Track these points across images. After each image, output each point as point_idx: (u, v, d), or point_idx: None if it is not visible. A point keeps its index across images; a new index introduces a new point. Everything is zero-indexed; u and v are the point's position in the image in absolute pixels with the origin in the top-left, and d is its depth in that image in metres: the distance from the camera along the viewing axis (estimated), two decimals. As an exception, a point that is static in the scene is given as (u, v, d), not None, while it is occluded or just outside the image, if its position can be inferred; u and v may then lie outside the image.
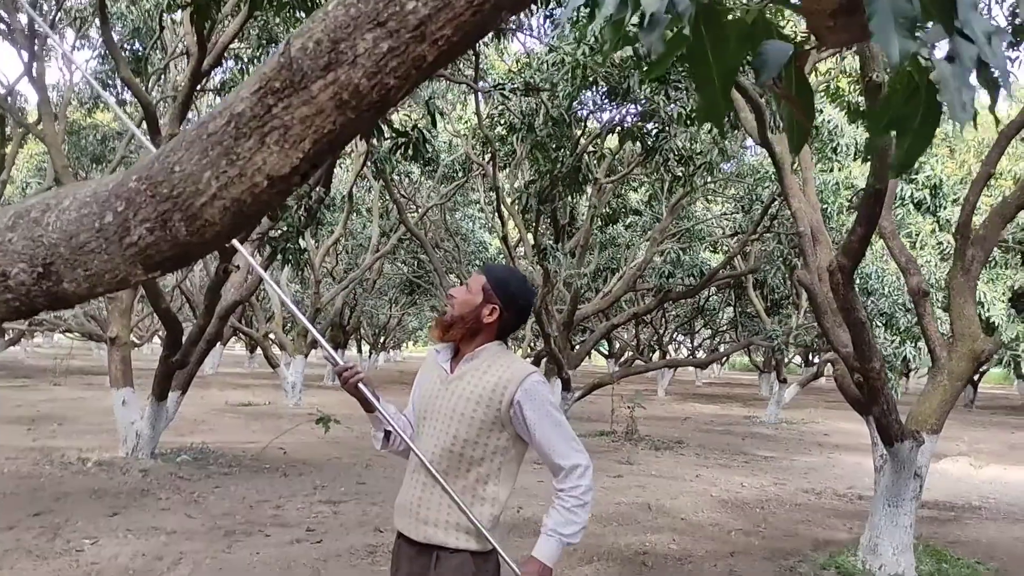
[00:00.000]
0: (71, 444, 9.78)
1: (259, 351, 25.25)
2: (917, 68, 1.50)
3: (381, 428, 2.56)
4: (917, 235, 11.84)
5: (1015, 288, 15.16)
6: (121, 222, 1.07)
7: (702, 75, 1.46)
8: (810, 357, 30.29)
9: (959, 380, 6.10)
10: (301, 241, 9.36)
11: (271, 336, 18.72)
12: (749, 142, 14.87)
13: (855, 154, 10.86)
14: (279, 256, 8.77)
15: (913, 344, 10.76)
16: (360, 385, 2.40)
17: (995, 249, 9.92)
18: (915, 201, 11.21)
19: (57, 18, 12.57)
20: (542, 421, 2.32)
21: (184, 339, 8.86)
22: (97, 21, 10.11)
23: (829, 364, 20.03)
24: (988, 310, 12.89)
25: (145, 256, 1.08)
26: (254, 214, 1.07)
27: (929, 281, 9.81)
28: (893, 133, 1.61)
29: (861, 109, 9.97)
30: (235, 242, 2.19)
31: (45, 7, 11.97)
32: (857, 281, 7.71)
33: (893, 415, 5.61)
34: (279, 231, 8.52)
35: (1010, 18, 7.81)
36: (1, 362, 24.80)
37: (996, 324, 12.98)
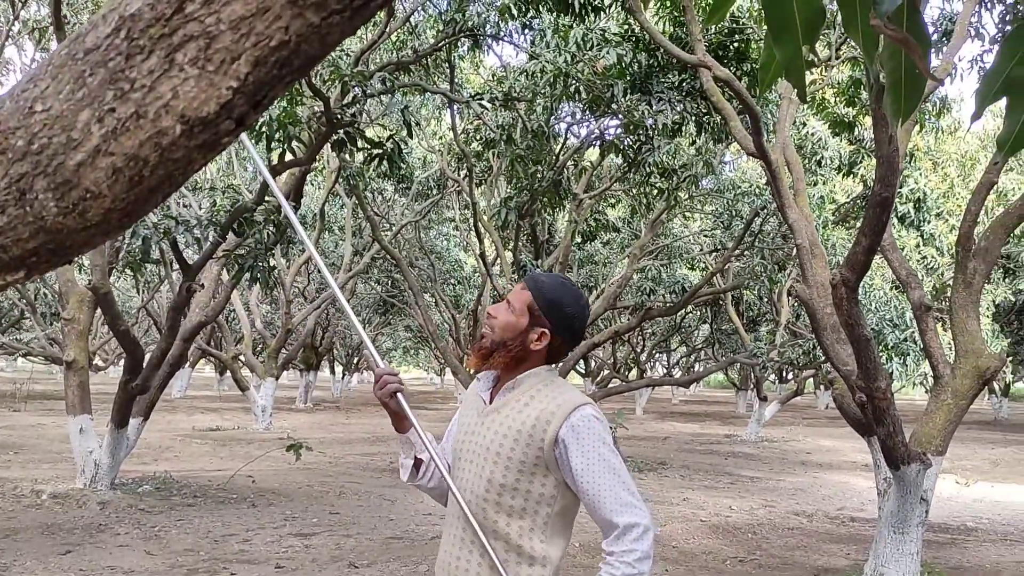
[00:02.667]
0: (25, 475, 9.26)
1: (228, 373, 24.64)
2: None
3: (411, 455, 2.09)
4: (902, 249, 11.65)
5: (998, 303, 15.06)
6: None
7: (779, 17, 1.12)
8: (784, 374, 30.15)
9: (963, 399, 5.82)
10: (271, 259, 8.95)
11: (240, 358, 18.18)
12: (728, 156, 14.68)
13: (839, 167, 10.65)
14: (247, 274, 8.34)
15: (901, 360, 10.52)
16: (399, 395, 1.97)
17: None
18: (899, 215, 11.00)
19: (16, 31, 12.11)
20: (592, 466, 1.85)
21: (145, 362, 8.40)
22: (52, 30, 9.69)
23: (808, 381, 19.86)
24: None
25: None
26: (164, 180, 0.70)
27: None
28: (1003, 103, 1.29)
29: (846, 120, 9.77)
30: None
31: (1, 18, 11.50)
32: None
33: (899, 436, 5.30)
34: (246, 248, 8.10)
35: (1000, 25, 7.62)
36: (-41, 387, 24.00)
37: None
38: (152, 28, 0.66)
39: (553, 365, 2.05)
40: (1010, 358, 21.33)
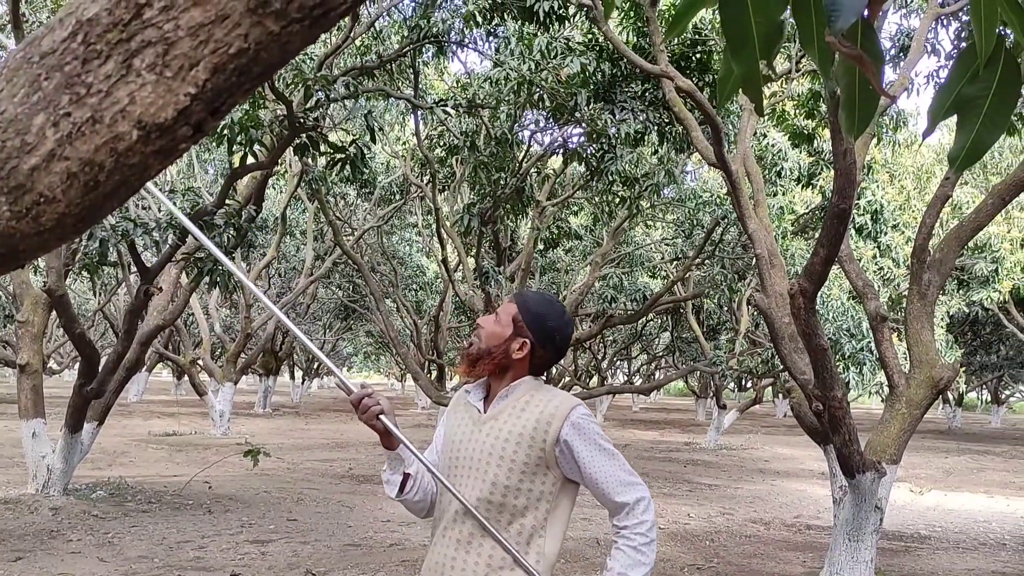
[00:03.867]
0: (-26, 480, 9.04)
1: (186, 378, 24.30)
2: (988, 35, 1.21)
3: (398, 471, 2.15)
4: (859, 260, 11.84)
5: (952, 314, 15.35)
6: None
7: (737, 33, 1.13)
8: (743, 382, 30.50)
9: (918, 408, 5.92)
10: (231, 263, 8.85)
11: (199, 362, 17.95)
12: (690, 166, 14.82)
13: (799, 179, 10.80)
14: (206, 278, 8.25)
15: (857, 370, 10.68)
16: (382, 417, 2.01)
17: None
18: (856, 226, 11.18)
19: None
20: (595, 456, 2.04)
21: (101, 366, 8.26)
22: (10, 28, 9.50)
23: (767, 389, 20.10)
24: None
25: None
26: (119, 186, 0.69)
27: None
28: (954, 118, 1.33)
29: (805, 132, 9.92)
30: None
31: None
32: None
33: (855, 445, 5.38)
34: (206, 251, 8.01)
35: (955, 41, 7.79)
36: (-94, 390, 23.39)
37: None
38: (110, 33, 0.65)
39: (540, 376, 2.18)
40: (963, 368, 21.77)
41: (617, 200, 11.82)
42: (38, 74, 0.67)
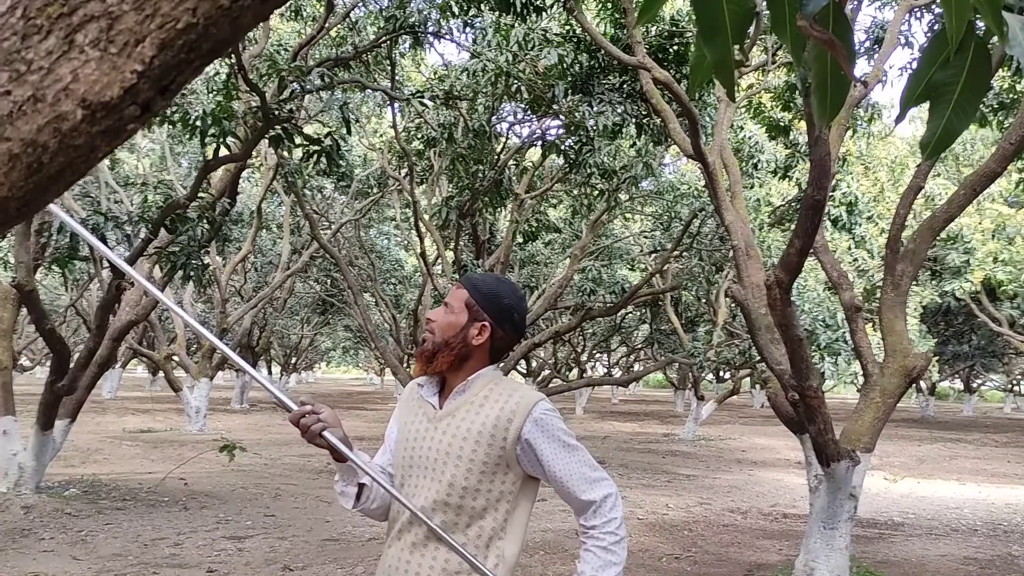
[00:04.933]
0: (-56, 479, 8.90)
1: (161, 374, 24.07)
2: (958, 21, 1.20)
3: (352, 482, 2.06)
4: (834, 251, 11.92)
5: (924, 304, 15.50)
6: None
7: (709, 19, 1.12)
8: (720, 373, 30.66)
9: (891, 397, 5.96)
10: (206, 257, 8.76)
11: (174, 358, 17.79)
12: (667, 159, 14.86)
13: (775, 171, 10.84)
14: (180, 272, 8.15)
15: (833, 360, 10.76)
16: (325, 434, 1.89)
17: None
18: (831, 218, 11.25)
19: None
20: (559, 454, 1.94)
21: (73, 362, 8.16)
22: None
23: (745, 380, 20.22)
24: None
25: None
26: (64, 168, 0.66)
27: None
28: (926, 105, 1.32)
29: (782, 125, 9.95)
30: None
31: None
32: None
33: (830, 435, 5.41)
34: (179, 245, 7.92)
35: (928, 33, 7.83)
36: None
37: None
38: (50, 7, 0.62)
39: (498, 364, 2.08)
40: (936, 358, 22.01)
41: (596, 193, 11.83)
42: (-24, 51, 0.64)
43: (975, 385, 36.58)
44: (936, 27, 7.56)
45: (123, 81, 0.64)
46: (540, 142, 10.44)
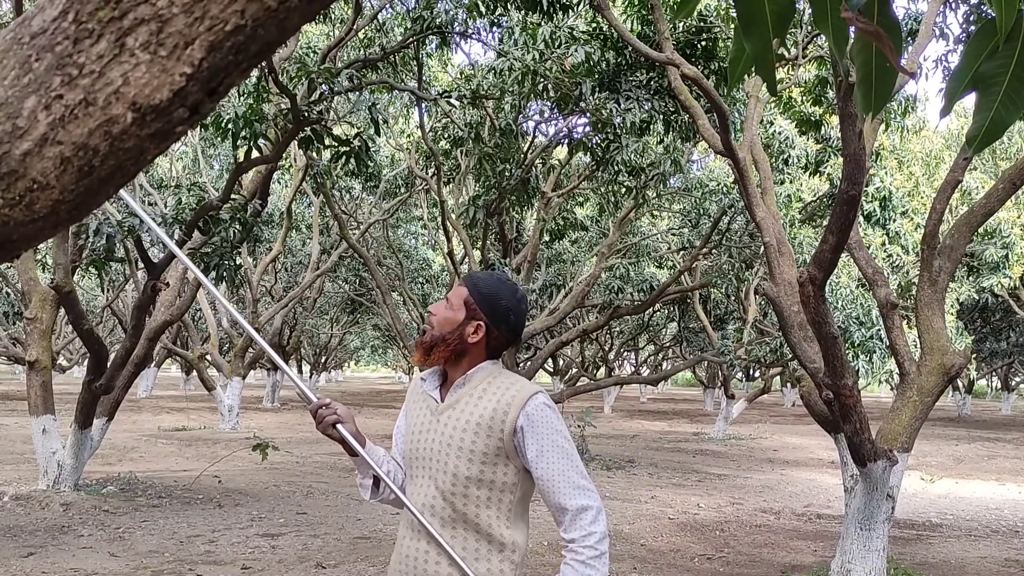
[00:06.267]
0: (-15, 477, 9.07)
1: (194, 373, 24.34)
2: (1008, 10, 1.17)
3: (369, 475, 2.15)
4: (868, 247, 11.76)
5: (962, 301, 15.27)
6: None
7: (749, 11, 1.10)
8: (751, 372, 30.45)
9: (929, 396, 5.88)
10: (237, 258, 8.85)
11: (207, 357, 17.98)
12: (696, 155, 14.76)
13: (806, 166, 10.73)
14: (212, 273, 8.24)
15: (867, 358, 10.63)
16: (338, 426, 2.01)
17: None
18: (865, 213, 11.12)
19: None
20: (546, 452, 1.95)
21: (110, 362, 8.27)
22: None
23: (775, 379, 20.05)
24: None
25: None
26: (115, 171, 0.66)
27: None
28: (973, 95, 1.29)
29: (813, 119, 9.85)
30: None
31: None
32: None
33: (866, 434, 5.34)
34: (212, 246, 8.00)
35: (964, 25, 7.71)
36: (-83, 388, 23.49)
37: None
38: (101, 11, 0.63)
39: (497, 359, 2.10)
40: (974, 355, 21.69)
41: (623, 190, 11.77)
42: (28, 55, 0.64)
43: (1013, 383, 35.98)
44: (972, 19, 7.45)
45: (172, 84, 0.64)
46: (567, 140, 10.41)
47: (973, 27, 7.64)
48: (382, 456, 2.16)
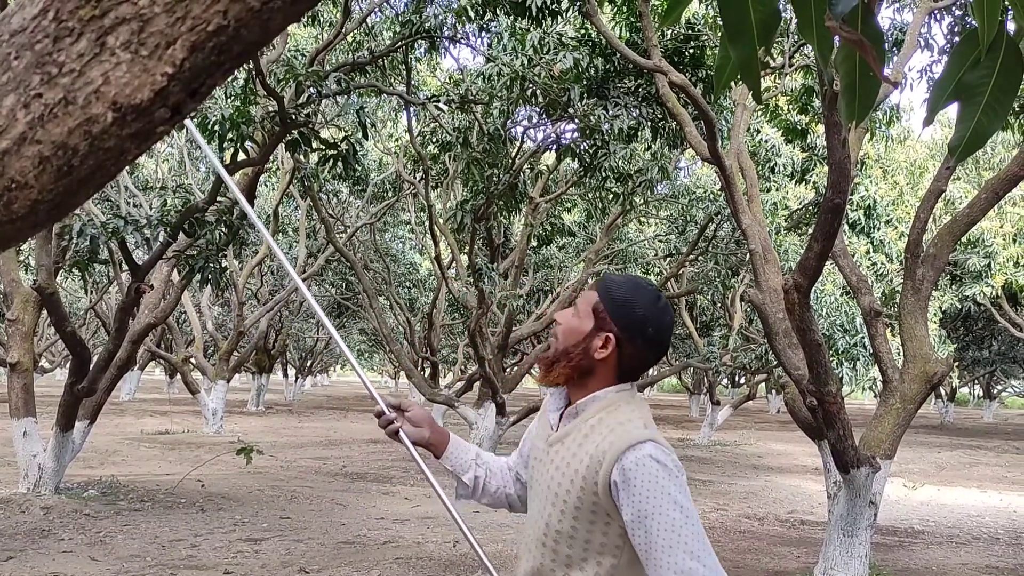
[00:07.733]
0: (-36, 480, 8.98)
1: (179, 376, 24.21)
2: (990, 20, 1.19)
3: (461, 475, 1.91)
4: (853, 255, 11.84)
5: (944, 309, 15.37)
6: None
7: (735, 19, 1.11)
8: (736, 378, 30.53)
9: (911, 403, 5.92)
10: (223, 260, 8.80)
11: (191, 361, 17.88)
12: (683, 162, 14.82)
13: (792, 174, 10.79)
14: (198, 275, 8.20)
15: (851, 365, 10.70)
16: (401, 434, 1.80)
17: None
18: (850, 222, 11.19)
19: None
20: (645, 519, 1.53)
21: (92, 364, 8.21)
22: None
23: (760, 385, 20.14)
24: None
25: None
26: (95, 171, 0.66)
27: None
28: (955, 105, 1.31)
29: (799, 128, 9.91)
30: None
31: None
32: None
33: (849, 440, 5.37)
34: (197, 248, 7.96)
35: (948, 36, 7.78)
36: None
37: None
38: (82, 9, 0.62)
39: (629, 384, 1.74)
40: (956, 363, 21.85)
41: (610, 196, 11.80)
42: (7, 53, 0.64)
43: (995, 391, 36.25)
44: (956, 29, 7.52)
45: (154, 84, 0.64)
46: (555, 146, 10.43)
47: (957, 38, 7.71)
48: (471, 460, 1.89)
